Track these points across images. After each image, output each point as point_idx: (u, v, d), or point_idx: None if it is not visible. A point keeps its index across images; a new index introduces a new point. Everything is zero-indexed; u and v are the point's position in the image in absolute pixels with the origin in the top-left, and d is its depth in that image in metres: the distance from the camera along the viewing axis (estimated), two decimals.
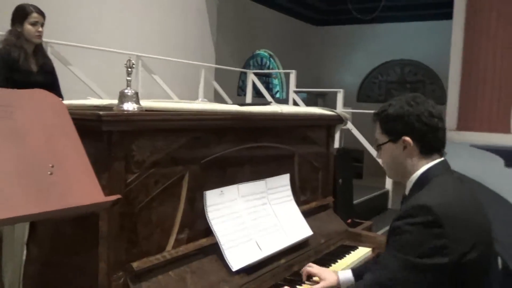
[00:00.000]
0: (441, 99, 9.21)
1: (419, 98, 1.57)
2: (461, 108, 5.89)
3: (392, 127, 1.57)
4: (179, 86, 6.51)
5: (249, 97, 7.73)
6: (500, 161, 3.93)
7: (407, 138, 1.54)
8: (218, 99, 7.11)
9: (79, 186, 1.04)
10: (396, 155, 1.59)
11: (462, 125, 5.81)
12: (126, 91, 1.46)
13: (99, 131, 1.36)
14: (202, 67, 6.70)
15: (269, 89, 10.28)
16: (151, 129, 1.53)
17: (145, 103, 1.58)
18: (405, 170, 1.59)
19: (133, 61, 1.49)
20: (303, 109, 2.91)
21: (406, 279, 1.39)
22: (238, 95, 9.76)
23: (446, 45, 6.73)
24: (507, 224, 2.07)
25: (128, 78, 1.47)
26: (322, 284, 1.95)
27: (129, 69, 1.47)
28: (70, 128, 1.15)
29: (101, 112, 1.34)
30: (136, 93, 1.47)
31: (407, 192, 1.61)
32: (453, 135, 5.85)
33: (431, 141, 1.54)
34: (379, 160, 1.75)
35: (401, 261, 1.40)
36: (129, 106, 1.45)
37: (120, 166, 1.43)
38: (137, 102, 1.47)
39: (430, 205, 1.40)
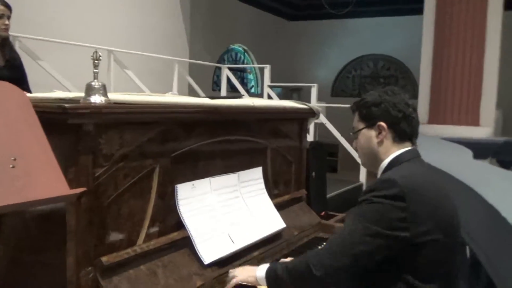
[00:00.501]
0: (413, 93, 9.35)
1: (396, 90, 1.66)
2: (432, 102, 6.00)
3: (369, 113, 1.65)
4: (152, 81, 6.44)
5: (224, 92, 7.70)
6: (469, 153, 4.02)
7: (382, 123, 1.61)
8: (193, 94, 7.06)
9: (42, 179, 1.01)
10: (371, 141, 1.65)
11: (433, 119, 5.92)
12: (92, 83, 1.43)
13: (65, 124, 1.33)
14: (176, 61, 6.64)
15: (244, 84, 10.26)
16: (119, 122, 1.51)
17: (113, 96, 1.55)
18: (378, 157, 1.65)
19: (99, 53, 1.46)
20: (275, 102, 2.91)
21: (368, 244, 1.44)
22: (213, 90, 9.72)
23: (417, 40, 6.83)
24: (474, 214, 2.12)
25: (95, 70, 1.45)
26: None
27: (96, 61, 1.45)
28: (33, 121, 1.13)
29: (66, 105, 1.31)
30: (103, 86, 1.45)
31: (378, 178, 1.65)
32: (424, 129, 5.95)
33: (404, 128, 1.61)
34: (355, 151, 1.79)
35: (364, 227, 1.45)
36: (96, 99, 1.42)
37: (88, 160, 1.40)
38: (105, 94, 1.45)
39: (395, 178, 1.46)
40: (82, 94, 1.48)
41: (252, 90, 10.63)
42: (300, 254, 2.28)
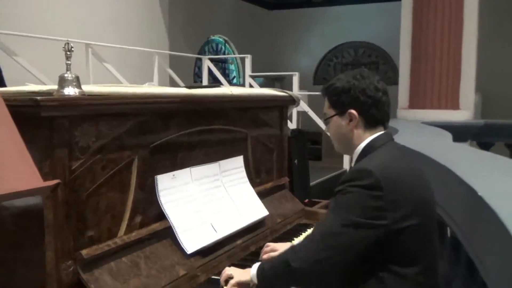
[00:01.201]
0: (394, 80, 9.42)
1: (365, 73, 1.63)
2: (412, 87, 6.05)
3: (339, 100, 1.62)
4: (133, 74, 6.38)
5: (205, 83, 7.66)
6: (449, 136, 4.07)
7: (353, 111, 1.59)
8: (174, 86, 7.00)
9: (14, 172, 1.00)
10: (343, 128, 1.64)
11: (414, 104, 5.96)
12: (65, 75, 1.41)
13: (38, 117, 1.32)
14: (156, 54, 6.58)
15: (226, 75, 10.22)
16: (94, 113, 1.49)
17: (88, 88, 1.54)
18: (351, 143, 1.64)
19: (71, 44, 1.44)
20: (253, 90, 2.91)
21: (346, 235, 1.44)
22: (195, 81, 9.66)
23: (397, 26, 6.86)
24: (452, 195, 2.15)
25: (68, 62, 1.43)
26: (276, 252, 1.96)
27: (68, 53, 1.43)
28: (4, 114, 1.11)
29: (38, 98, 1.29)
30: (77, 77, 1.43)
31: (353, 163, 1.66)
32: (405, 114, 6.01)
33: (375, 114, 1.60)
34: (328, 134, 1.79)
35: (342, 218, 1.45)
36: (70, 91, 1.41)
37: (63, 153, 1.39)
38: (78, 86, 1.43)
39: (371, 169, 1.45)
40: (56, 87, 1.46)
41: (234, 80, 10.59)
42: (283, 241, 2.31)
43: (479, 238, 1.75)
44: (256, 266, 1.67)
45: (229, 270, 1.75)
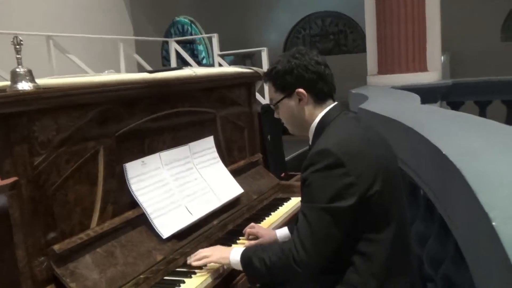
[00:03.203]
0: (363, 47, 9.44)
1: (302, 50, 1.63)
2: (380, 53, 6.04)
3: (284, 82, 1.62)
4: (99, 64, 6.22)
5: (174, 67, 7.54)
6: (417, 99, 4.11)
7: (301, 90, 1.60)
8: (142, 72, 6.88)
9: None
10: (293, 109, 1.63)
11: (382, 69, 5.97)
12: (17, 69, 1.38)
13: None
14: (120, 40, 6.44)
15: (194, 56, 10.09)
16: (52, 107, 1.46)
17: (43, 81, 1.50)
18: (305, 122, 1.64)
19: (20, 38, 1.40)
20: (218, 69, 2.88)
21: (325, 225, 1.43)
22: (164, 65, 9.52)
23: None
24: (420, 156, 2.18)
25: (18, 56, 1.39)
26: (259, 240, 1.99)
27: (17, 46, 1.38)
28: None
29: None
30: (29, 71, 1.39)
31: (310, 141, 1.66)
32: (375, 80, 6.04)
33: (323, 87, 1.61)
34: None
35: (316, 210, 1.44)
36: (24, 86, 1.37)
37: (23, 149, 1.36)
38: (32, 80, 1.39)
39: (328, 148, 1.44)
40: (9, 83, 1.42)
41: (204, 61, 10.47)
42: (260, 217, 2.33)
43: (447, 196, 1.79)
44: (237, 252, 1.65)
45: (203, 252, 1.75)
